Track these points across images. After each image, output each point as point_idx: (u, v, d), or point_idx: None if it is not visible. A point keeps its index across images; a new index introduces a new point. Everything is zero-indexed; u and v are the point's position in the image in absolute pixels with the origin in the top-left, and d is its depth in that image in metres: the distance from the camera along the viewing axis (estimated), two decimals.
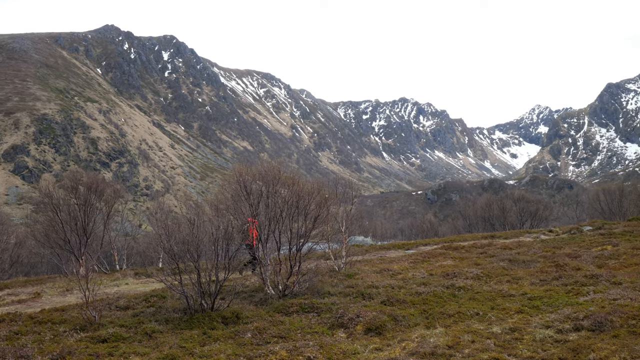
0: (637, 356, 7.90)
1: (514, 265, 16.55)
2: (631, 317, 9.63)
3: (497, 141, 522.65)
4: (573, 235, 24.65)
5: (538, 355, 8.52)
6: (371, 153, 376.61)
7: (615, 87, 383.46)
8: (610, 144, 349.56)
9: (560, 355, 8.30)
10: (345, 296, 13.34)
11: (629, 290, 11.68)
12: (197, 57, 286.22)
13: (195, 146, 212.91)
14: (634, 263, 15.29)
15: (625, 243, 19.20)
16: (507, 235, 27.86)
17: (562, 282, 13.26)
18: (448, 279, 14.77)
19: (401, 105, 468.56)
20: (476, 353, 8.74)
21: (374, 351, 9.46)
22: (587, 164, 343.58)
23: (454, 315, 11.22)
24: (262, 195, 14.70)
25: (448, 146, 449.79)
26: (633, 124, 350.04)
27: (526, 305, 11.49)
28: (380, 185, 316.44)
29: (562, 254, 17.80)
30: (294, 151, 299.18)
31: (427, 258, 19.62)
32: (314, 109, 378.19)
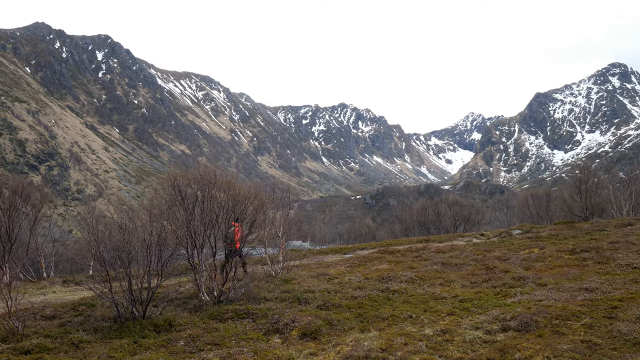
0: (559, 354, 8.21)
1: (447, 268, 16.94)
2: (554, 317, 10.02)
3: (433, 147, 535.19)
4: (503, 239, 25.47)
5: (467, 356, 8.72)
6: (311, 158, 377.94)
7: (543, 96, 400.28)
8: (539, 151, 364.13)
9: (488, 356, 8.52)
10: (281, 301, 13.27)
11: (553, 292, 12.15)
12: (133, 58, 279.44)
13: (131, 149, 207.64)
14: (559, 265, 15.94)
15: (551, 246, 19.99)
16: (441, 239, 28.48)
17: (492, 284, 13.66)
18: (383, 283, 14.95)
19: (340, 111, 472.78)
20: (408, 355, 8.86)
21: (309, 356, 9.45)
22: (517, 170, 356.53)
23: (388, 318, 11.35)
24: (198, 200, 14.46)
25: (386, 151, 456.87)
26: (560, 132, 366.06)
27: (457, 307, 11.76)
28: (319, 189, 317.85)
29: (492, 257, 18.35)
30: (233, 155, 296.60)
31: (364, 262, 19.81)
32: (254, 113, 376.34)
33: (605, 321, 9.73)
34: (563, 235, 23.62)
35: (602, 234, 22.95)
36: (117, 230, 12.49)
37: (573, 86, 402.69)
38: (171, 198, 15.26)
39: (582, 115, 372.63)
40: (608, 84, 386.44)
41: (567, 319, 9.96)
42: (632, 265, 14.80)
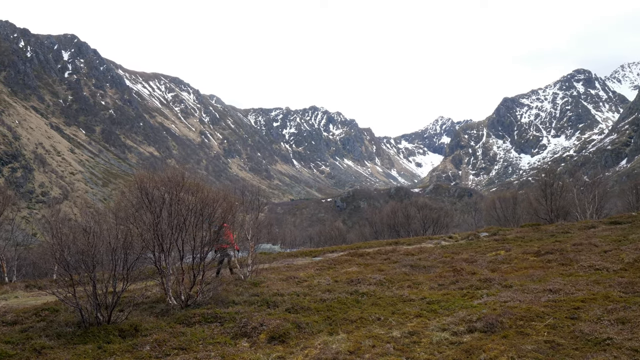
0: (523, 355, 8.34)
1: (415, 270, 17.07)
2: (519, 318, 10.18)
3: (403, 150, 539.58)
4: (470, 241, 25.78)
5: (434, 357, 8.80)
6: (282, 160, 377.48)
7: (510, 101, 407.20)
8: (506, 155, 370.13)
9: (455, 357, 8.61)
10: (250, 305, 13.20)
11: (518, 293, 12.35)
12: (101, 58, 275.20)
13: (98, 151, 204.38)
14: (524, 267, 16.21)
15: (517, 248, 20.31)
16: (410, 241, 28.70)
17: (459, 286, 13.82)
18: (352, 285, 14.99)
19: (312, 114, 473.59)
20: (376, 357, 8.90)
21: (277, 359, 9.42)
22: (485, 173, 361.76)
23: (356, 320, 11.38)
24: (165, 203, 14.29)
25: (357, 154, 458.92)
26: (526, 136, 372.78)
27: (425, 309, 11.86)
28: (290, 192, 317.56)
29: (459, 259, 18.56)
30: (203, 157, 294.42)
31: (333, 265, 19.83)
32: (224, 115, 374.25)
33: (568, 322, 9.92)
34: (529, 238, 24.02)
35: (566, 237, 23.40)
36: (82, 234, 12.27)
37: (539, 91, 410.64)
38: (138, 201, 15.06)
39: (548, 120, 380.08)
40: (573, 89, 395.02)
41: (532, 320, 10.13)
42: (594, 267, 15.13)
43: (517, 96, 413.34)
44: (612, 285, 12.64)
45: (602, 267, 15.10)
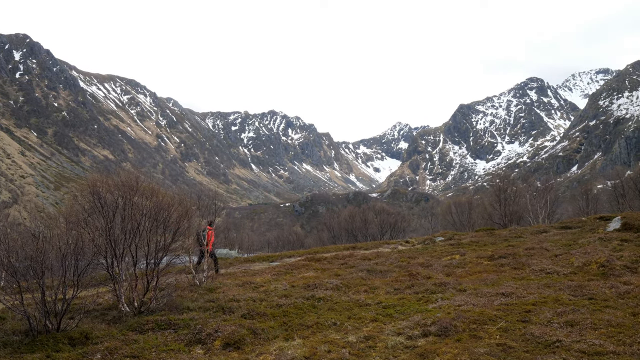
0: (476, 358, 8.47)
1: (372, 275, 17.16)
2: (472, 321, 10.34)
3: (361, 155, 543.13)
4: (427, 246, 26.09)
5: None
6: (240, 165, 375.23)
7: (466, 108, 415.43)
8: (462, 160, 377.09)
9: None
10: (205, 311, 13.03)
11: (472, 297, 12.55)
12: (54, 59, 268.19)
13: (50, 154, 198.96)
14: (478, 271, 16.49)
15: (471, 252, 20.65)
16: (367, 246, 28.84)
17: (414, 291, 13.95)
18: (309, 291, 14.96)
19: (270, 118, 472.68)
20: None
21: None
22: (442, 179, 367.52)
23: (312, 326, 11.35)
24: (118, 207, 13.98)
25: (315, 159, 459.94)
26: (482, 142, 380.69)
27: (381, 313, 11.93)
28: (248, 197, 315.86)
29: (415, 263, 18.75)
30: (160, 161, 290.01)
31: (291, 270, 19.77)
32: (181, 118, 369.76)
33: (519, 325, 10.12)
34: (483, 242, 24.45)
35: (518, 241, 23.92)
36: (31, 239, 11.89)
37: (494, 98, 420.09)
38: (91, 205, 14.71)
39: (502, 126, 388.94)
40: (526, 97, 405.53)
41: (485, 323, 10.30)
42: (545, 271, 15.50)
43: (472, 103, 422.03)
44: (562, 288, 12.97)
45: (553, 271, 15.49)
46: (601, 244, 20.20)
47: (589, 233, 24.85)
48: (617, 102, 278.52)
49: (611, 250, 18.42)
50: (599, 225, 27.45)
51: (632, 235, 21.54)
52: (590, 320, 10.05)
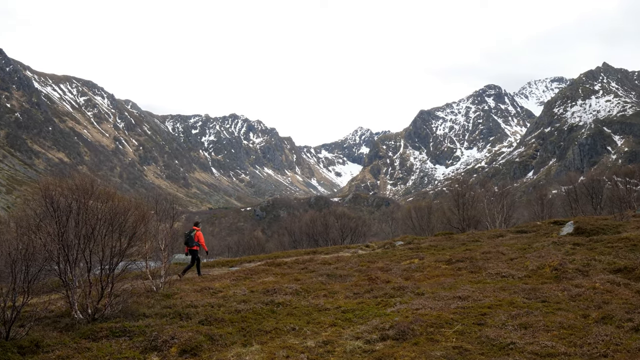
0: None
1: (332, 279, 17.17)
2: (430, 325, 10.45)
3: (323, 160, 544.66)
4: (386, 250, 26.30)
5: None
6: (200, 168, 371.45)
7: (426, 114, 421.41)
8: (423, 165, 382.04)
9: None
10: (161, 317, 12.80)
11: (429, 300, 12.68)
12: (7, 58, 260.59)
13: (2, 156, 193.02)
14: (436, 275, 16.70)
15: (430, 256, 20.90)
16: (328, 250, 28.92)
17: (373, 295, 14.01)
18: (268, 296, 14.87)
19: (232, 122, 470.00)
20: None
21: None
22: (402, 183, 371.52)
23: (271, 331, 11.28)
24: (72, 211, 13.63)
25: (277, 163, 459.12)
26: (441, 147, 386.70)
27: (340, 318, 11.93)
28: (209, 201, 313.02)
29: (375, 267, 18.86)
30: (117, 164, 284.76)
31: (250, 275, 19.63)
32: (140, 121, 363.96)
33: (475, 327, 10.27)
34: (441, 246, 24.78)
35: (476, 245, 24.33)
36: None
37: (454, 105, 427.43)
38: (43, 209, 14.30)
39: (461, 132, 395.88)
40: (485, 104, 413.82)
41: (441, 327, 10.41)
42: (500, 274, 15.79)
43: (432, 109, 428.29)
44: (516, 291, 13.22)
45: (508, 275, 15.79)
46: (555, 247, 20.71)
47: (543, 237, 25.46)
48: (571, 109, 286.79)
49: (564, 254, 18.90)
50: (553, 230, 28.16)
51: (583, 239, 22.15)
52: (543, 322, 10.27)
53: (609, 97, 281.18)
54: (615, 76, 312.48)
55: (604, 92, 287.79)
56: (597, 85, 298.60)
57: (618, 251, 18.78)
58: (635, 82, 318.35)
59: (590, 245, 20.77)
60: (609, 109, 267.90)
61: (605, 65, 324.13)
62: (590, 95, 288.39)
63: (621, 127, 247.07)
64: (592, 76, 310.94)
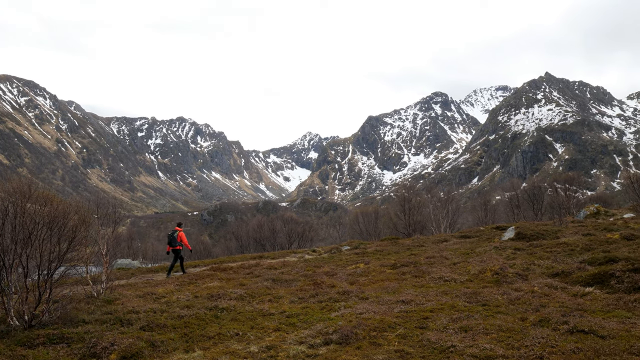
0: None
1: (277, 284, 17.14)
2: (373, 329, 10.56)
3: (272, 164, 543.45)
4: (333, 255, 26.44)
5: None
6: (146, 172, 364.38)
7: (375, 119, 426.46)
8: (370, 171, 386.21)
9: None
10: (102, 323, 12.49)
11: (373, 305, 12.81)
12: None
13: None
14: (381, 279, 16.89)
15: (375, 261, 21.14)
16: (274, 255, 28.83)
17: (318, 299, 14.06)
18: (212, 301, 14.71)
19: (179, 125, 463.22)
20: None
21: None
22: (350, 188, 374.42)
23: (214, 337, 11.16)
24: (8, 215, 13.14)
25: (225, 168, 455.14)
26: (389, 153, 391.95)
27: (284, 322, 11.92)
28: (154, 205, 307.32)
29: (321, 272, 18.93)
30: (59, 167, 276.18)
31: (195, 280, 19.38)
32: (84, 123, 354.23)
33: (417, 331, 10.43)
34: (387, 251, 25.09)
35: (421, 250, 24.75)
36: None
37: (401, 111, 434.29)
38: None
39: (409, 138, 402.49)
40: (432, 111, 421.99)
41: (384, 330, 10.53)
42: (443, 279, 16.12)
43: (381, 115, 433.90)
44: (458, 295, 13.52)
45: (451, 279, 16.13)
46: (496, 252, 21.30)
47: (485, 242, 26.13)
48: (515, 117, 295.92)
49: (505, 258, 19.45)
50: (495, 235, 28.94)
51: (524, 244, 22.85)
52: (483, 325, 10.52)
53: (550, 106, 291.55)
54: (557, 86, 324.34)
55: (546, 101, 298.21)
56: (539, 94, 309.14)
57: (556, 256, 19.45)
58: (575, 91, 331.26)
59: (530, 250, 21.44)
60: (550, 118, 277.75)
61: (548, 75, 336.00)
62: (533, 104, 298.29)
63: (562, 136, 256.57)
64: (535, 85, 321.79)
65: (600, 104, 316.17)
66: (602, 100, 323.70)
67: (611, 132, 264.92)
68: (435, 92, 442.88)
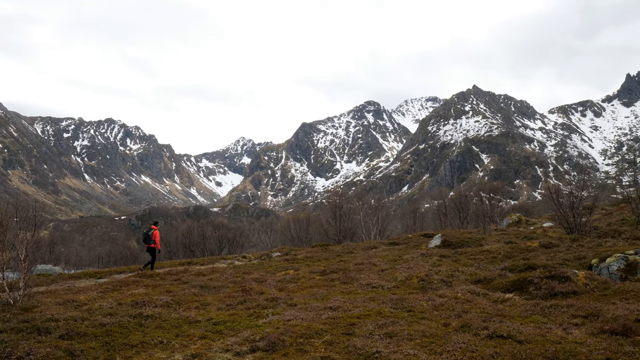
0: None
1: (205, 291, 16.89)
2: (300, 335, 10.56)
3: (204, 169, 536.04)
4: (263, 261, 26.34)
5: None
6: (72, 174, 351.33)
7: (308, 126, 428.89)
8: (303, 177, 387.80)
9: None
10: (17, 332, 11.90)
11: (301, 311, 12.83)
12: None
13: None
14: (309, 286, 16.95)
15: (305, 268, 21.19)
16: (204, 261, 28.41)
17: (246, 306, 13.94)
18: (137, 308, 14.31)
19: (107, 126, 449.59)
20: None
21: None
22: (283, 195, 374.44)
23: (137, 345, 10.86)
24: None
25: (155, 171, 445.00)
26: (322, 160, 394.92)
27: (210, 330, 11.74)
28: (80, 209, 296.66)
29: (250, 279, 18.80)
30: None
31: (119, 287, 18.81)
32: (5, 121, 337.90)
33: (343, 337, 10.52)
34: (317, 258, 25.22)
35: (350, 256, 25.02)
36: None
37: (335, 119, 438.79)
38: None
39: (341, 146, 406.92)
40: (364, 119, 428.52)
41: (311, 337, 10.56)
42: (371, 285, 16.35)
43: (314, 122, 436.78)
44: (385, 302, 13.73)
45: (378, 285, 16.38)
46: (423, 259, 21.82)
47: (413, 249, 26.73)
48: (444, 128, 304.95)
49: (431, 265, 19.95)
50: (422, 242, 29.65)
51: (449, 251, 23.53)
52: (408, 331, 10.73)
53: (477, 117, 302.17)
54: (483, 98, 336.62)
55: (473, 113, 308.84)
56: (467, 106, 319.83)
57: (479, 263, 20.13)
58: (501, 104, 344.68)
59: (455, 257, 22.09)
60: (477, 129, 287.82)
61: (475, 87, 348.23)
62: (461, 115, 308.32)
63: (488, 147, 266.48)
64: (463, 97, 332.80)
65: (523, 117, 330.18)
66: (525, 113, 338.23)
67: (533, 144, 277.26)
68: (368, 101, 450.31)
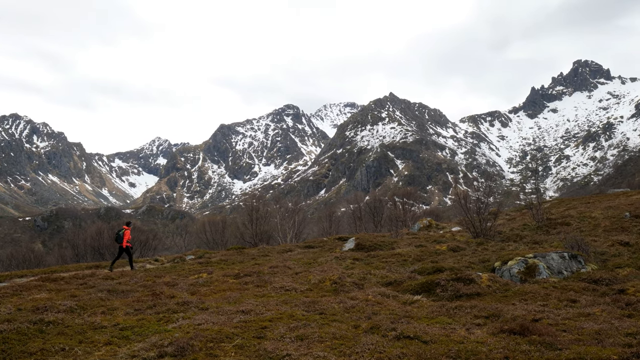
0: None
1: (113, 295, 16.29)
2: (210, 340, 10.39)
3: (116, 169, 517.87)
4: (176, 264, 25.76)
5: None
6: None
7: (227, 128, 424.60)
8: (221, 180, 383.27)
9: None
10: None
11: (213, 315, 12.63)
12: None
13: None
14: (223, 289, 16.73)
15: (219, 271, 20.91)
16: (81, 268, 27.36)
17: (156, 311, 13.55)
18: (38, 314, 13.57)
19: (12, 122, 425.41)
20: None
21: None
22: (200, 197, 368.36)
23: (37, 352, 10.31)
24: None
25: (64, 170, 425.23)
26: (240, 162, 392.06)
27: (116, 336, 11.32)
28: None
29: (161, 282, 18.32)
30: None
31: (20, 291, 17.80)
32: None
33: (254, 341, 10.44)
34: (232, 261, 24.96)
35: (265, 259, 24.94)
36: None
37: (254, 121, 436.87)
38: None
39: (260, 149, 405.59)
40: (283, 122, 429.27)
41: (222, 341, 10.41)
42: (285, 288, 16.35)
43: (233, 124, 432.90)
44: (297, 304, 13.77)
45: (292, 288, 16.41)
46: (337, 262, 22.08)
47: (328, 252, 27.00)
48: (361, 134, 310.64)
49: (344, 268, 20.22)
50: (337, 245, 30.01)
51: (362, 255, 23.95)
52: (319, 334, 10.80)
53: (393, 124, 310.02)
54: (399, 106, 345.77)
55: (389, 120, 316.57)
56: (384, 112, 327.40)
57: (391, 266, 20.62)
58: (416, 112, 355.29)
59: (368, 260, 22.50)
60: (393, 135, 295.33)
61: (392, 95, 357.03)
62: (377, 122, 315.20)
63: (402, 153, 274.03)
64: (380, 104, 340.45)
65: (436, 125, 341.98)
66: (438, 121, 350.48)
67: (445, 151, 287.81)
68: (288, 105, 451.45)
